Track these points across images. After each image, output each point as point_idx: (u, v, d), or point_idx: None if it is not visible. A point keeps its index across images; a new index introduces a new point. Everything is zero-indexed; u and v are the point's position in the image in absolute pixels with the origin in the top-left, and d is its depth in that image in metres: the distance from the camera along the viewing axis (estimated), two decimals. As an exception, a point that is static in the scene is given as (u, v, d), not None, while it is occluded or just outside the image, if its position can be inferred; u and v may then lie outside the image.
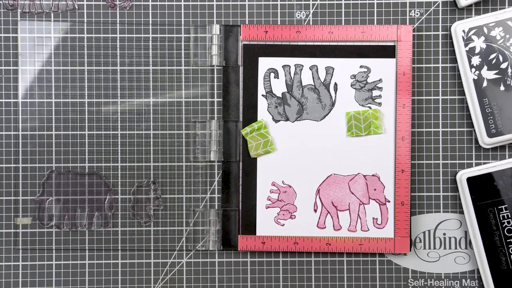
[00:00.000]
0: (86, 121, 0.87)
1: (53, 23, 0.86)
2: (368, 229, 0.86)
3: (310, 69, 0.85)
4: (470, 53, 0.84)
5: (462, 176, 0.85)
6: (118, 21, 0.87)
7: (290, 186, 0.86)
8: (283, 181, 0.86)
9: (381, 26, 0.85)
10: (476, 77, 0.84)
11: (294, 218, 0.86)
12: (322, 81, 0.85)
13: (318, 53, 0.85)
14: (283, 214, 0.86)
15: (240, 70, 0.86)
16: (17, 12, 0.86)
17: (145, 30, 0.87)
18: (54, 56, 0.87)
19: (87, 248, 0.87)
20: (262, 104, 0.86)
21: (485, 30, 0.84)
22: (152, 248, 0.87)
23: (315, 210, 0.86)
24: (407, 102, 0.85)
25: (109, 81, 0.87)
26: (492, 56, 0.84)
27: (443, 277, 0.87)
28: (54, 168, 0.86)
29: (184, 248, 0.87)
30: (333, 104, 0.86)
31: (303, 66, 0.85)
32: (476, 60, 0.84)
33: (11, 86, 0.87)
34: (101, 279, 0.87)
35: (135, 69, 0.87)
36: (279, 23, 0.87)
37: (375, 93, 0.85)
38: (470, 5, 0.86)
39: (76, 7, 0.87)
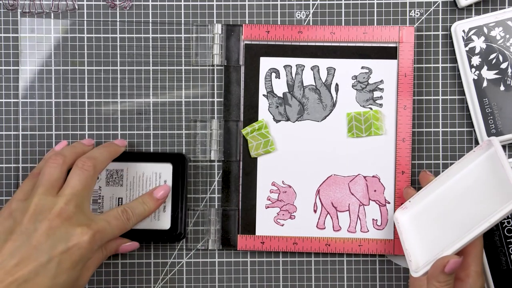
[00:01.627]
0: (86, 121, 0.86)
1: (53, 22, 0.86)
2: (368, 230, 0.86)
3: (312, 69, 0.85)
4: (470, 53, 0.84)
5: (462, 176, 0.85)
6: (118, 21, 0.87)
7: (290, 186, 0.86)
8: (283, 181, 0.86)
9: (383, 27, 0.85)
10: (476, 77, 0.84)
11: (294, 218, 0.86)
12: (323, 82, 0.85)
13: (320, 54, 0.85)
14: (283, 214, 0.86)
15: (242, 70, 0.86)
16: (17, 12, 0.86)
17: (145, 30, 0.87)
18: (55, 56, 0.86)
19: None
20: (263, 104, 0.86)
21: (485, 30, 0.84)
22: (152, 247, 0.87)
23: (315, 211, 0.86)
24: (408, 103, 0.84)
25: (109, 81, 0.86)
26: (492, 56, 0.84)
27: (442, 277, 0.87)
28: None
29: (184, 247, 0.87)
30: (334, 105, 0.85)
31: (304, 66, 0.85)
32: (476, 60, 0.84)
33: (11, 86, 0.86)
34: (101, 279, 0.87)
35: (135, 69, 0.86)
36: (279, 23, 0.87)
37: (376, 94, 0.85)
38: (470, 5, 0.86)
39: (76, 7, 0.86)
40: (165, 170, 0.84)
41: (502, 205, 0.70)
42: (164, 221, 0.85)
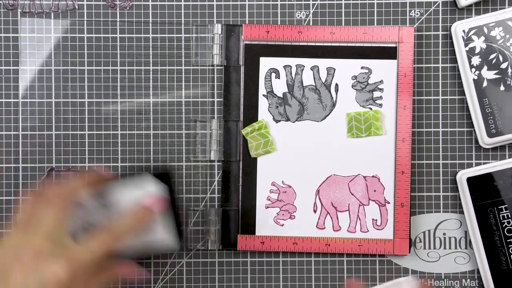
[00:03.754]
0: (86, 121, 0.86)
1: (53, 22, 0.86)
2: (368, 230, 0.86)
3: (311, 69, 0.85)
4: (470, 53, 0.84)
5: (462, 176, 0.85)
6: (118, 21, 0.87)
7: (290, 186, 0.86)
8: (283, 181, 0.86)
9: (383, 27, 0.85)
10: (476, 77, 0.84)
11: (294, 218, 0.86)
12: (323, 82, 0.85)
13: (320, 54, 0.85)
14: (283, 214, 0.86)
15: (241, 70, 0.86)
16: (17, 12, 0.86)
17: (145, 30, 0.87)
18: (55, 56, 0.86)
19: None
20: (263, 104, 0.86)
21: (485, 30, 0.84)
22: (151, 247, 0.87)
23: (315, 211, 0.86)
24: (408, 103, 0.84)
25: (109, 81, 0.86)
26: (492, 56, 0.84)
27: (443, 277, 0.87)
28: (54, 167, 0.86)
29: (184, 247, 0.87)
30: (333, 105, 0.85)
31: (304, 66, 0.85)
32: (476, 60, 0.84)
33: (11, 86, 0.87)
34: (101, 279, 0.87)
35: (135, 69, 0.86)
36: (279, 23, 0.87)
37: (376, 94, 0.85)
38: (470, 5, 0.86)
39: (76, 7, 0.87)
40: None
41: None
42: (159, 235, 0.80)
